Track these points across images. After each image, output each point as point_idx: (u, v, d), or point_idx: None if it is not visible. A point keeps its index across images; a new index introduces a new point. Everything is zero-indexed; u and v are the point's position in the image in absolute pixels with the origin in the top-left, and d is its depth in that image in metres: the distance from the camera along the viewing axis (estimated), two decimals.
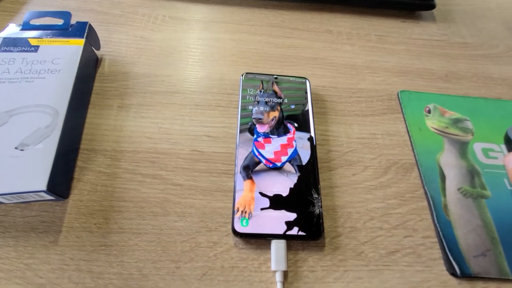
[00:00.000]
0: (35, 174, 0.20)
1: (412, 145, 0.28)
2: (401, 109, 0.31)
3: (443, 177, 0.27)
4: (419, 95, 0.32)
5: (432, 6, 0.39)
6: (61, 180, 0.22)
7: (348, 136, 0.29)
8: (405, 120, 0.30)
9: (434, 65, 0.35)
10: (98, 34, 0.30)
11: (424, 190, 0.26)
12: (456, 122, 0.30)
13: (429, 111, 0.31)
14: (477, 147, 0.29)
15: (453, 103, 0.32)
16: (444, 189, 0.26)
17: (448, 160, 0.28)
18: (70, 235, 0.21)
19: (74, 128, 0.25)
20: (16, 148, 0.21)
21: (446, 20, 0.40)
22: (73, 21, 0.28)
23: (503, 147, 0.29)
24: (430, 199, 0.25)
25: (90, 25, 0.28)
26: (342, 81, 0.32)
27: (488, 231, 0.24)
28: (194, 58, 0.32)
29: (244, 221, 0.22)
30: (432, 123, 0.30)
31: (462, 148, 0.29)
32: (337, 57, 0.34)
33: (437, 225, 0.24)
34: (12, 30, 0.27)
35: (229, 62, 0.32)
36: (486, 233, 0.24)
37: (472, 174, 0.27)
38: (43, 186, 0.20)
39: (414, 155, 0.28)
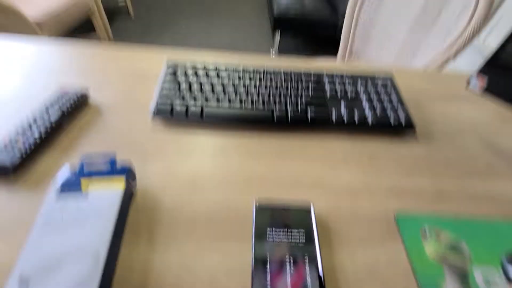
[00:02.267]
0: None
1: (414, 275, 0.30)
2: (399, 232, 0.34)
3: None
4: (415, 217, 0.35)
5: (413, 128, 0.46)
6: None
7: (354, 264, 0.31)
8: (404, 246, 0.33)
9: (424, 184, 0.40)
10: (134, 167, 0.36)
11: None
12: (452, 246, 0.33)
13: (425, 234, 0.34)
14: (477, 274, 0.31)
15: (446, 225, 0.35)
16: None
17: None
18: None
19: (111, 269, 0.28)
20: None
21: (427, 138, 0.47)
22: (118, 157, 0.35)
23: (502, 271, 0.31)
24: None
25: (130, 167, 0.35)
26: (343, 204, 0.36)
27: None
28: (214, 186, 0.37)
29: None
30: (430, 248, 0.33)
31: (463, 276, 0.30)
32: (336, 180, 0.39)
33: None
34: (68, 173, 0.33)
35: (243, 189, 0.37)
36: None
37: None
38: None
39: (418, 286, 0.30)
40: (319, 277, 0.28)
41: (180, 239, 0.32)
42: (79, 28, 1.78)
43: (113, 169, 0.34)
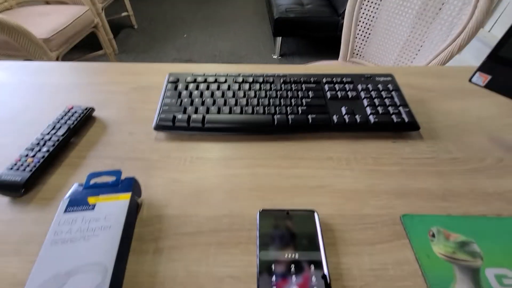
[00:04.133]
0: None
1: (423, 276, 0.30)
2: (406, 234, 0.33)
3: None
4: (421, 218, 0.35)
5: (417, 127, 0.45)
6: None
7: (359, 268, 0.31)
8: (412, 247, 0.32)
9: (430, 184, 0.39)
10: (139, 179, 0.37)
11: None
12: (462, 246, 0.32)
13: (433, 235, 0.33)
14: (490, 273, 0.30)
15: (455, 225, 0.34)
16: None
17: None
18: None
19: (118, 282, 0.28)
20: None
21: (432, 137, 0.46)
22: (120, 169, 0.36)
23: None
24: None
25: (135, 181, 0.35)
26: (347, 207, 0.36)
27: None
28: (218, 195, 0.38)
29: None
30: (439, 248, 0.32)
31: (474, 276, 0.30)
32: (340, 183, 0.39)
33: None
34: (76, 189, 0.34)
35: (247, 197, 0.37)
36: None
37: None
38: None
39: (427, 287, 0.29)
40: (326, 282, 0.28)
41: (186, 249, 0.32)
42: (86, 44, 1.83)
43: (119, 185, 0.35)
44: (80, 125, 0.46)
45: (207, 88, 0.51)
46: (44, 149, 0.41)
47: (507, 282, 0.29)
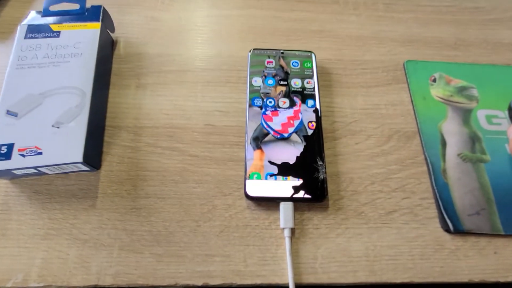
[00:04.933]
0: (72, 148, 0.23)
1: (415, 114, 0.30)
2: (406, 79, 0.32)
3: (444, 144, 0.28)
4: (425, 64, 0.32)
5: None
6: (93, 153, 0.25)
7: (352, 107, 0.30)
8: (409, 90, 0.31)
9: (443, 33, 0.35)
10: (112, 17, 0.31)
11: (425, 156, 0.27)
12: (461, 90, 0.31)
13: (434, 80, 0.31)
14: (481, 114, 0.30)
15: (460, 71, 0.32)
16: (444, 155, 0.28)
17: (450, 128, 0.29)
18: (105, 199, 0.24)
19: (100, 107, 0.27)
20: (53, 126, 0.24)
21: None
22: (87, 4, 0.30)
23: (508, 113, 0.30)
24: (429, 164, 0.27)
25: (104, 9, 0.30)
26: (347, 53, 0.33)
27: (484, 193, 0.26)
28: (204, 36, 0.33)
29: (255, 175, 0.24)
30: (436, 91, 0.31)
31: (465, 115, 0.30)
32: (343, 28, 0.34)
33: (435, 188, 0.26)
34: (34, 17, 0.29)
35: (237, 39, 0.33)
36: (482, 194, 0.26)
37: (473, 140, 0.28)
38: (80, 158, 0.23)
39: (417, 123, 0.29)
40: (317, 116, 0.28)
41: (171, 86, 0.30)
42: None
43: (85, 13, 0.29)
44: None
45: None
46: None
47: (496, 121, 0.29)
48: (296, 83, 0.29)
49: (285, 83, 0.29)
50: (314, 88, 0.29)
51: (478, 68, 0.32)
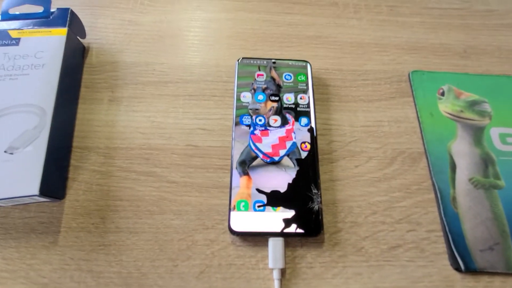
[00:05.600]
0: (27, 178, 0.20)
1: (421, 132, 0.27)
2: (412, 92, 0.28)
3: (453, 167, 0.25)
4: (432, 75, 0.29)
5: None
6: (55, 181, 0.22)
7: (351, 124, 0.27)
8: (415, 105, 0.28)
9: (452, 39, 0.32)
10: (83, 20, 0.28)
11: (432, 181, 0.25)
12: (472, 105, 0.28)
13: (442, 94, 0.28)
14: (494, 133, 0.27)
15: (471, 83, 0.29)
16: (454, 179, 0.25)
17: (461, 148, 0.26)
18: (69, 235, 0.21)
19: (64, 126, 0.24)
20: (5, 151, 0.20)
21: None
22: (53, 7, 0.26)
23: None
24: (437, 191, 0.24)
25: (72, 11, 0.26)
26: (347, 62, 0.30)
27: (499, 224, 0.23)
28: (187, 42, 0.30)
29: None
30: (445, 107, 0.28)
31: (477, 134, 0.27)
32: (342, 34, 0.31)
33: (444, 219, 0.23)
34: None
35: (224, 46, 0.30)
36: (496, 226, 0.23)
37: (486, 162, 0.25)
38: (36, 191, 0.19)
39: (423, 143, 0.26)
40: (312, 135, 0.24)
41: (149, 99, 0.27)
42: None
43: (49, 17, 0.26)
44: None
45: None
46: None
47: (511, 140, 0.26)
48: (288, 98, 0.26)
49: (277, 98, 0.26)
50: (309, 103, 0.26)
51: (490, 79, 0.29)
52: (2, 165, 0.20)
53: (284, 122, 0.25)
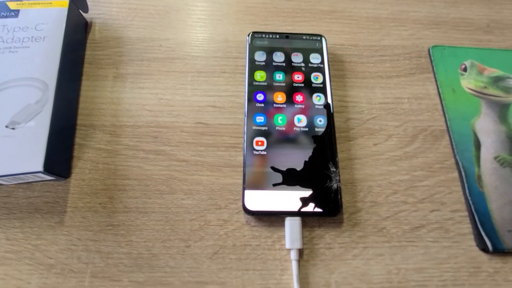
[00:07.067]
0: (30, 154, 0.19)
1: (443, 109, 0.25)
2: (432, 68, 0.27)
3: (478, 145, 0.24)
4: (454, 50, 0.28)
5: None
6: (60, 159, 0.21)
7: (369, 101, 0.25)
8: (436, 81, 0.26)
9: (474, 13, 0.30)
10: None
11: (456, 159, 0.23)
12: (496, 80, 0.26)
13: (465, 69, 0.27)
14: None
15: (494, 58, 0.27)
16: (478, 158, 0.23)
17: (485, 125, 0.25)
18: (75, 215, 0.20)
19: (68, 103, 0.23)
20: (6, 126, 0.19)
21: None
22: None
23: None
24: (462, 169, 0.23)
25: None
26: (363, 37, 0.28)
27: None
28: (194, 17, 0.28)
29: None
30: (468, 83, 0.26)
31: (502, 111, 0.25)
32: (358, 8, 0.30)
33: (469, 198, 0.22)
34: None
35: (234, 20, 0.28)
36: None
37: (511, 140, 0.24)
38: (40, 167, 0.18)
39: (446, 120, 0.25)
40: (328, 112, 0.23)
41: (156, 76, 0.25)
42: None
43: None
44: None
45: None
46: None
47: None
48: (303, 74, 0.24)
49: (291, 74, 0.24)
50: (324, 79, 0.24)
51: None
52: (4, 141, 0.19)
53: (299, 98, 0.23)
